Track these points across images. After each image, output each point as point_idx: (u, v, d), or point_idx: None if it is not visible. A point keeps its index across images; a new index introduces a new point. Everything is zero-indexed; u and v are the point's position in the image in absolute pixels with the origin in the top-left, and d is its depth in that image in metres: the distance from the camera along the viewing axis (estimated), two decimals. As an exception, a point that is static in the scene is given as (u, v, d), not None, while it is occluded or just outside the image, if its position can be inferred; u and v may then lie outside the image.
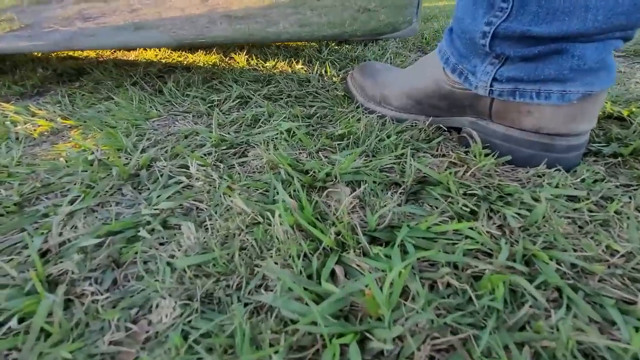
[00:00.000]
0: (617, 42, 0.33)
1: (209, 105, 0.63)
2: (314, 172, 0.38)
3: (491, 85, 0.38)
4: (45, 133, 0.56)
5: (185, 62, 0.96)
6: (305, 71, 0.81)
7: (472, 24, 0.37)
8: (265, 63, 0.88)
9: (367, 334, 0.22)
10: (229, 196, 0.35)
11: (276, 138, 0.48)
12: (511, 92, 0.37)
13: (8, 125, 0.57)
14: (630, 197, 0.34)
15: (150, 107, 0.64)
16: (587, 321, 0.23)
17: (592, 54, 0.32)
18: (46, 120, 0.60)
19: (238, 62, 0.91)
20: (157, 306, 0.25)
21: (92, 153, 0.46)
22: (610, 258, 0.27)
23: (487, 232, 0.30)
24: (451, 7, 2.14)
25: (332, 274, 0.27)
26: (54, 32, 0.67)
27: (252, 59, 0.93)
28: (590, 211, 0.32)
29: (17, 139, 0.54)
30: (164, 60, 1.00)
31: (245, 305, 0.25)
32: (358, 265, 0.27)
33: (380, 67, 0.62)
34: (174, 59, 1.01)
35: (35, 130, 0.56)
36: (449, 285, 0.26)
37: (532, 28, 0.33)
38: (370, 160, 0.41)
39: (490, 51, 0.37)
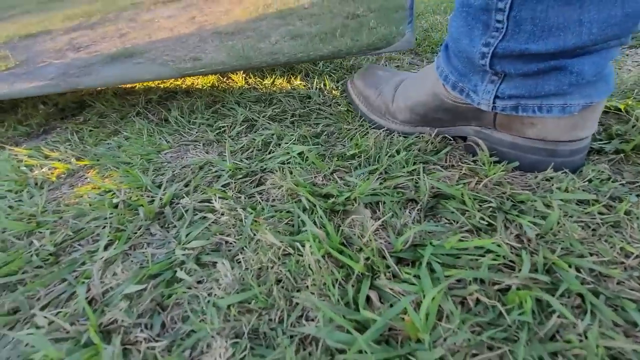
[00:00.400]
0: (614, 52, 0.35)
1: (217, 132, 0.64)
2: (334, 196, 0.40)
3: (494, 102, 0.40)
4: (62, 175, 0.57)
5: (183, 86, 0.98)
6: (305, 86, 0.82)
7: (469, 45, 0.39)
8: (264, 80, 0.90)
9: (410, 357, 0.24)
10: (257, 230, 0.36)
11: (289, 162, 0.50)
12: (514, 107, 0.39)
13: (25, 171, 0.58)
14: (637, 196, 0.36)
15: (160, 138, 0.65)
16: (612, 325, 0.25)
17: (590, 68, 0.34)
18: (60, 161, 0.61)
19: (236, 82, 0.93)
20: (207, 346, 0.27)
21: (114, 194, 0.47)
22: (626, 260, 0.29)
23: (507, 243, 0.32)
24: (436, 1, 2.16)
25: (367, 298, 0.29)
26: (49, 66, 0.69)
27: (250, 77, 0.94)
28: (601, 213, 0.34)
29: (36, 184, 0.55)
30: (162, 85, 1.01)
31: (290, 337, 0.27)
32: (391, 289, 0.29)
33: (382, 73, 0.63)
34: (172, 83, 1.02)
35: (52, 173, 0.57)
36: (478, 301, 0.28)
37: (529, 46, 0.34)
38: (385, 179, 0.43)
39: (490, 70, 0.38)
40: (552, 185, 0.39)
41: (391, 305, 0.28)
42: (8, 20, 0.67)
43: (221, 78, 0.99)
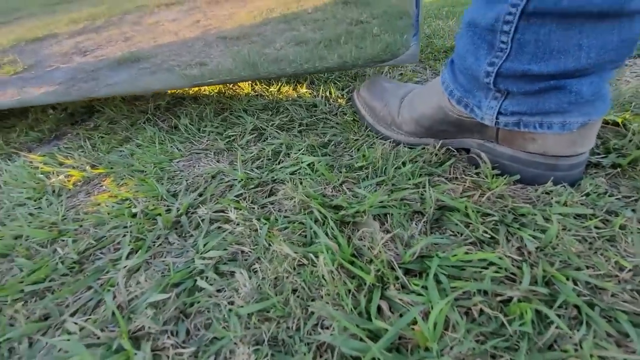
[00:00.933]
0: (610, 73, 0.37)
1: (227, 140, 0.66)
2: (344, 208, 0.42)
3: (497, 118, 0.42)
4: (79, 183, 0.59)
5: (191, 92, 1.00)
6: (310, 94, 0.84)
7: (475, 63, 0.41)
8: (270, 88, 0.92)
9: (420, 364, 0.26)
10: (272, 241, 0.38)
11: (299, 172, 0.52)
12: (516, 123, 0.41)
13: (42, 178, 0.60)
14: (633, 211, 0.38)
15: (171, 146, 0.67)
16: (605, 336, 0.27)
17: (588, 89, 0.36)
18: (75, 168, 0.63)
19: (243, 89, 0.95)
20: (231, 352, 0.29)
21: (131, 202, 0.49)
22: (620, 273, 0.31)
23: (509, 256, 0.34)
24: (437, 5, 2.17)
25: (378, 308, 0.31)
26: (56, 70, 0.70)
27: (256, 84, 0.96)
28: (597, 227, 0.36)
29: (54, 192, 0.57)
30: (170, 92, 1.03)
31: (307, 344, 0.29)
32: (400, 299, 0.31)
33: (387, 85, 0.65)
34: (178, 89, 1.04)
35: (68, 181, 0.59)
36: (482, 311, 0.30)
37: (532, 67, 0.36)
38: (392, 191, 0.45)
39: (493, 87, 0.40)
40: (552, 198, 0.41)
41: (401, 315, 0.30)
42: (14, 23, 0.68)
43: (228, 84, 1.01)
